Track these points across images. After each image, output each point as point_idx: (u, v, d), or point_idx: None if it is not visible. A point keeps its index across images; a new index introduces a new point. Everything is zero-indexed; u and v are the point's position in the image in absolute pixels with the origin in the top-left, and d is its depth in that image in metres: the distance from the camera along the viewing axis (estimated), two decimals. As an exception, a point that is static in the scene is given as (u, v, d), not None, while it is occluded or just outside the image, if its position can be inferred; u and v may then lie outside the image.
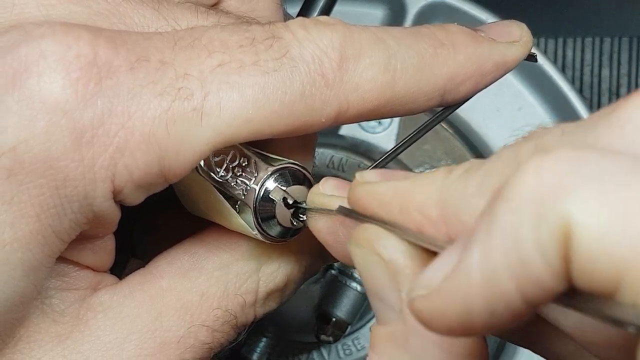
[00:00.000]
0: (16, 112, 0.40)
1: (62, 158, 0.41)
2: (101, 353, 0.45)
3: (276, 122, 0.44)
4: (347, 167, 0.77)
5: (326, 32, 0.46)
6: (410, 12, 0.81)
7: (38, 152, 0.40)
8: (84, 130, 0.41)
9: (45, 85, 0.40)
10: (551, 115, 0.81)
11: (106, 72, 0.41)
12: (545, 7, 0.91)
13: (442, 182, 0.38)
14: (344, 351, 0.76)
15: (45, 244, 0.42)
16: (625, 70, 0.89)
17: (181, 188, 0.51)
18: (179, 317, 0.47)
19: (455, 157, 0.82)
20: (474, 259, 0.31)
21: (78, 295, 0.46)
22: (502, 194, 0.31)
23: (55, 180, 0.41)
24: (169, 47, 0.43)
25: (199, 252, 0.49)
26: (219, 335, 0.48)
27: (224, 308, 0.48)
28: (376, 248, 0.39)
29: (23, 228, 0.41)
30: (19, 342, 0.44)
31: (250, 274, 0.49)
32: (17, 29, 0.42)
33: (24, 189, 0.40)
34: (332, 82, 0.45)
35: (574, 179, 0.30)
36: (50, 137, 0.40)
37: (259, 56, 0.44)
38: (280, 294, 0.51)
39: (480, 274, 0.31)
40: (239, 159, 0.47)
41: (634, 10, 0.90)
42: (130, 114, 0.41)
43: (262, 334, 0.74)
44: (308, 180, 0.49)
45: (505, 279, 0.30)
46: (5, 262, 0.41)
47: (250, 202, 0.47)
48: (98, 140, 0.41)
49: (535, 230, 0.30)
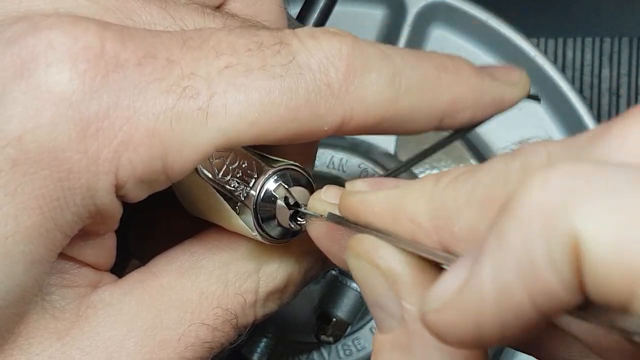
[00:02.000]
0: (22, 102, 0.40)
1: (67, 149, 0.41)
2: (101, 350, 0.45)
3: (280, 127, 0.44)
4: (347, 167, 0.77)
5: (334, 42, 0.46)
6: (411, 12, 0.81)
7: (43, 143, 0.40)
8: (89, 122, 0.41)
9: (52, 76, 0.41)
10: (551, 115, 0.81)
11: (113, 65, 0.41)
12: (545, 7, 0.91)
13: (432, 190, 0.38)
14: (344, 351, 0.76)
15: (48, 237, 0.42)
16: (625, 70, 0.89)
17: (181, 189, 0.51)
18: (179, 316, 0.47)
19: (455, 158, 0.82)
20: (486, 272, 0.32)
21: (78, 293, 0.46)
22: (510, 208, 0.31)
23: (59, 171, 0.41)
24: (177, 46, 0.43)
25: (199, 251, 0.49)
26: (219, 335, 0.48)
27: (224, 307, 0.48)
28: (373, 259, 0.40)
29: (25, 220, 0.41)
30: (19, 338, 0.44)
31: (250, 273, 0.49)
32: (25, 20, 0.42)
33: (28, 180, 0.40)
34: (338, 91, 0.46)
35: (581, 191, 0.30)
36: (56, 128, 0.40)
37: (266, 61, 0.44)
38: (280, 295, 0.51)
39: (493, 286, 0.31)
40: (239, 161, 0.47)
41: (634, 10, 0.90)
42: (136, 109, 0.42)
43: (262, 334, 0.74)
44: (309, 182, 0.49)
45: (517, 292, 0.31)
46: (6, 255, 0.41)
47: (250, 203, 0.47)
48: (103, 133, 0.41)
49: (545, 244, 0.30)
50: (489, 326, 0.32)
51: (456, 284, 0.33)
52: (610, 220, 0.29)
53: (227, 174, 0.46)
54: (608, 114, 0.89)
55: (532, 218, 0.30)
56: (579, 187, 0.30)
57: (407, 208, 0.39)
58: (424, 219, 0.38)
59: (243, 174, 0.47)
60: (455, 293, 0.33)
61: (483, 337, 0.32)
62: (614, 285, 0.29)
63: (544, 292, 0.30)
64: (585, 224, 0.29)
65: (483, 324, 0.32)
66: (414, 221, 0.39)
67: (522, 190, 0.31)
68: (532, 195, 0.31)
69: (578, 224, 0.29)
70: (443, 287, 0.34)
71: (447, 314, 0.33)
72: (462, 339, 0.33)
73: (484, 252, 0.32)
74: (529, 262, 0.30)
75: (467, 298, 0.32)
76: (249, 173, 0.47)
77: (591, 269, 0.29)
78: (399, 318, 0.39)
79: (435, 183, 0.39)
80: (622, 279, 0.28)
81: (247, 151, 0.47)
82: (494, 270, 0.31)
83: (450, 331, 0.33)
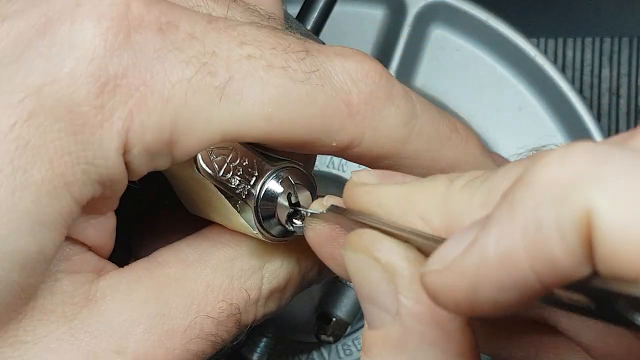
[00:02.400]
0: (45, 56, 0.41)
1: (83, 104, 0.41)
2: (109, 334, 0.45)
3: (291, 131, 0.45)
4: (347, 167, 0.77)
5: (363, 65, 0.46)
6: (410, 12, 0.81)
7: (61, 96, 0.41)
8: (108, 79, 0.41)
9: (75, 32, 0.41)
10: (551, 115, 0.81)
11: (136, 26, 0.42)
12: (545, 7, 0.91)
13: (446, 190, 0.39)
14: (344, 351, 0.76)
15: (55, 197, 0.41)
16: (625, 70, 0.89)
17: (181, 188, 0.51)
18: (186, 307, 0.47)
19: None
20: (492, 236, 0.32)
21: (86, 278, 0.46)
22: (525, 178, 0.32)
23: (74, 125, 0.41)
24: (201, 24, 0.43)
25: (203, 246, 0.49)
26: (222, 329, 0.48)
27: (229, 301, 0.48)
28: (373, 252, 0.40)
29: (35, 174, 0.40)
30: (24, 320, 0.43)
31: (255, 270, 0.49)
32: None
33: (41, 132, 0.40)
34: (356, 113, 0.46)
35: (598, 168, 0.30)
36: (75, 81, 0.41)
37: (290, 64, 0.44)
38: (281, 295, 0.51)
39: (496, 250, 0.32)
40: (240, 159, 0.47)
41: (634, 10, 0.90)
42: (154, 73, 0.42)
43: (262, 334, 0.74)
44: (310, 181, 0.49)
45: (520, 258, 0.31)
46: (13, 210, 0.40)
47: (251, 201, 0.47)
48: (120, 91, 0.41)
49: (556, 213, 0.30)
50: (485, 290, 0.32)
51: (460, 248, 0.33)
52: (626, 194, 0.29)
53: (228, 171, 0.46)
54: (608, 114, 0.89)
55: (546, 188, 0.31)
56: (597, 164, 0.30)
57: (419, 205, 0.39)
58: (436, 218, 0.38)
59: (244, 172, 0.47)
60: (457, 256, 0.33)
61: (477, 301, 0.33)
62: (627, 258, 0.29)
63: (547, 260, 0.31)
64: (601, 198, 0.30)
65: (480, 286, 0.32)
66: (424, 219, 0.39)
67: (539, 163, 0.32)
68: (549, 168, 0.31)
69: (593, 197, 0.30)
70: (446, 250, 0.34)
71: (447, 275, 0.34)
72: (457, 300, 0.33)
73: (491, 218, 0.32)
74: (537, 230, 0.31)
75: (468, 261, 0.33)
76: (250, 171, 0.47)
77: (604, 241, 0.29)
78: (393, 313, 0.39)
79: (450, 184, 0.39)
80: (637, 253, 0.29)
81: (248, 149, 0.47)
82: (500, 235, 0.32)
83: (446, 292, 0.34)
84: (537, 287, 0.32)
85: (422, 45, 0.82)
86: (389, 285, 0.39)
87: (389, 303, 0.39)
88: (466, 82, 0.81)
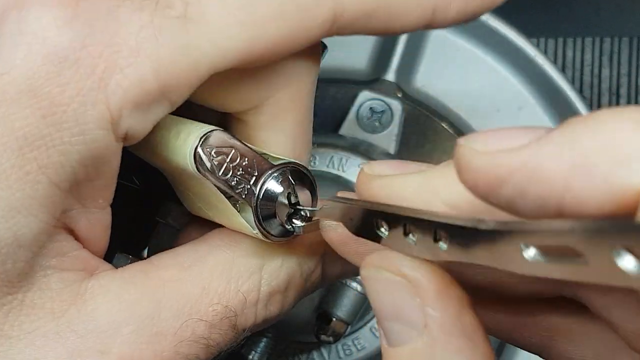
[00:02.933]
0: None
1: (45, 84, 0.41)
2: (96, 334, 0.44)
3: (268, 27, 0.44)
4: (347, 167, 0.77)
5: None
6: (410, 12, 0.81)
7: (20, 82, 0.41)
8: (65, 54, 0.41)
9: (23, 19, 0.41)
10: (551, 115, 0.81)
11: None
12: (545, 7, 0.91)
13: None
14: (344, 351, 0.76)
15: (27, 182, 0.41)
16: (625, 70, 0.89)
17: (181, 188, 0.51)
18: (178, 309, 0.46)
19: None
20: (544, 150, 0.33)
21: (77, 276, 0.45)
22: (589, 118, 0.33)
23: (41, 108, 0.41)
24: None
25: (202, 249, 0.49)
26: (216, 332, 0.47)
27: (224, 304, 0.48)
28: (400, 268, 0.39)
29: (3, 163, 0.40)
30: (10, 314, 0.43)
31: (253, 271, 0.49)
32: None
33: (7, 122, 0.40)
34: None
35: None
36: (30, 65, 0.41)
37: None
38: (282, 297, 0.50)
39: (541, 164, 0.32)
40: (239, 158, 0.47)
41: (634, 10, 0.90)
42: (112, 33, 0.41)
43: (262, 334, 0.74)
44: (309, 181, 0.49)
45: (557, 180, 0.32)
46: None
47: (250, 201, 0.47)
48: (83, 63, 0.41)
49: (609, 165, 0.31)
50: (509, 188, 0.33)
51: (508, 143, 0.34)
52: None
53: (228, 171, 0.46)
54: (608, 114, 0.89)
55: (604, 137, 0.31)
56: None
57: (442, 192, 0.39)
58: (461, 203, 0.38)
59: (244, 171, 0.47)
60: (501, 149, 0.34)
61: (498, 194, 0.34)
62: None
63: (579, 201, 0.31)
64: None
65: (507, 184, 0.33)
66: (449, 204, 0.39)
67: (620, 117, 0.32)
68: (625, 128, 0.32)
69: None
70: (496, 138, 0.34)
71: (483, 158, 0.34)
72: (479, 183, 0.34)
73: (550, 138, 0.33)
74: (586, 168, 0.31)
75: (510, 160, 0.33)
76: (250, 171, 0.47)
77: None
78: (420, 326, 0.38)
79: None
80: None
81: (248, 148, 0.47)
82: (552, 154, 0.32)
83: (475, 169, 0.34)
84: (555, 211, 0.32)
85: (422, 45, 0.82)
86: (414, 300, 0.39)
87: (415, 317, 0.39)
88: (466, 82, 0.81)
